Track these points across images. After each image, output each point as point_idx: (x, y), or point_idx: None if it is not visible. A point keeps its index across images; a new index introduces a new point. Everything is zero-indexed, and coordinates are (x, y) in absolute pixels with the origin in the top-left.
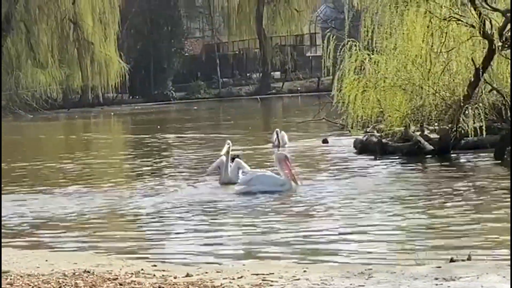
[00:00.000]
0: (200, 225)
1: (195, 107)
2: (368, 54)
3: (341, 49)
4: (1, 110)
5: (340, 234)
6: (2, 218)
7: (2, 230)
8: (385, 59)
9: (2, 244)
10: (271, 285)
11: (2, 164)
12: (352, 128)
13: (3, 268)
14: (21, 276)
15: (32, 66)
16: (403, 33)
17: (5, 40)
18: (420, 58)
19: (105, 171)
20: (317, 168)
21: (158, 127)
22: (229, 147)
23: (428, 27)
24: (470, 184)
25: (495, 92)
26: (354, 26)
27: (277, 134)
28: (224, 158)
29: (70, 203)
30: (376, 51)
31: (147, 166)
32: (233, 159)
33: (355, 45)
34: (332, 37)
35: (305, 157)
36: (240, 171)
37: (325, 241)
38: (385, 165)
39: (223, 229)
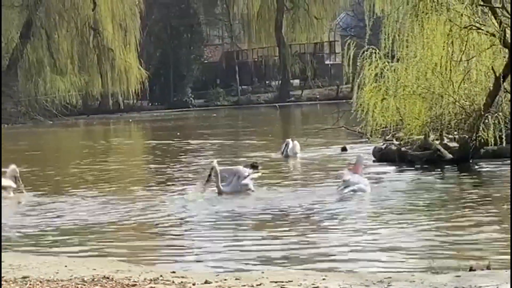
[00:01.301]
0: (219, 232)
1: (214, 114)
2: (388, 62)
3: (361, 56)
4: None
5: (358, 242)
6: (21, 224)
7: (21, 236)
8: (405, 67)
9: (22, 249)
10: None
11: (22, 169)
12: (371, 136)
13: (23, 274)
14: (40, 282)
15: (52, 73)
16: (423, 41)
17: (25, 47)
18: (440, 66)
19: (125, 178)
20: (335, 175)
21: (178, 133)
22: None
23: (448, 35)
24: (490, 193)
25: None
26: (374, 34)
27: (286, 144)
28: (237, 168)
29: (88, 209)
30: (396, 59)
31: (167, 173)
32: (252, 166)
33: (375, 53)
34: (352, 44)
35: (324, 165)
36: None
37: (343, 249)
38: (404, 173)
39: (242, 237)
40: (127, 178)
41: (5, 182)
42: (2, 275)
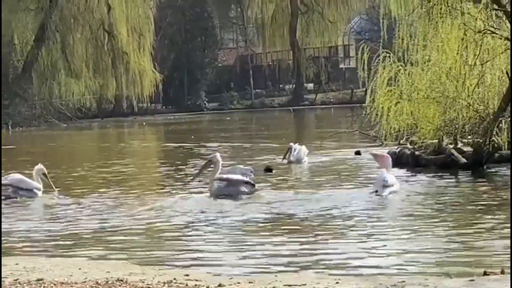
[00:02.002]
0: (233, 236)
1: (228, 118)
2: (402, 66)
3: (375, 60)
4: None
5: (371, 246)
6: (35, 226)
7: (35, 238)
8: (419, 71)
9: (36, 252)
10: None
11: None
12: (385, 140)
13: (37, 276)
14: (54, 284)
15: (66, 76)
16: (438, 45)
17: (40, 50)
18: (454, 70)
19: (139, 180)
20: (349, 179)
21: (192, 137)
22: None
23: (462, 39)
24: (503, 197)
25: None
26: (388, 37)
27: (289, 149)
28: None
29: (102, 211)
30: (410, 63)
31: (180, 175)
32: (266, 170)
33: (389, 57)
34: (366, 48)
35: (338, 168)
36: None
37: (356, 253)
38: (418, 177)
39: (255, 240)
40: (140, 180)
41: (31, 184)
42: (17, 277)
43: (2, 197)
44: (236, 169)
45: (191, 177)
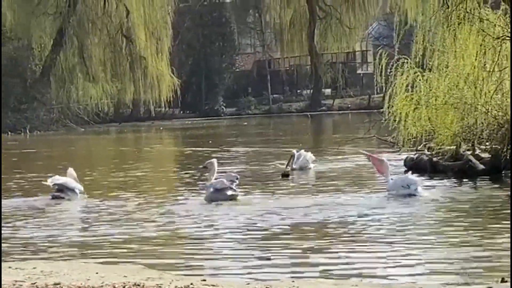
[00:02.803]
0: (250, 241)
1: (245, 123)
2: (420, 72)
3: (392, 66)
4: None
5: (388, 253)
6: (53, 232)
7: (53, 242)
8: (437, 77)
9: (53, 256)
10: None
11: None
12: (402, 145)
13: (54, 280)
14: None
15: (84, 80)
16: (456, 51)
17: (58, 54)
18: (473, 76)
19: (157, 184)
20: (366, 185)
21: (210, 141)
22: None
23: (481, 45)
24: None
25: None
26: (406, 43)
27: (292, 156)
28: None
29: (120, 215)
30: (428, 68)
31: (197, 180)
32: (283, 175)
33: (407, 63)
34: (384, 54)
35: (355, 174)
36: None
37: (373, 260)
38: (436, 184)
39: (273, 246)
40: (157, 185)
41: (77, 185)
42: (34, 281)
43: (52, 196)
44: (225, 175)
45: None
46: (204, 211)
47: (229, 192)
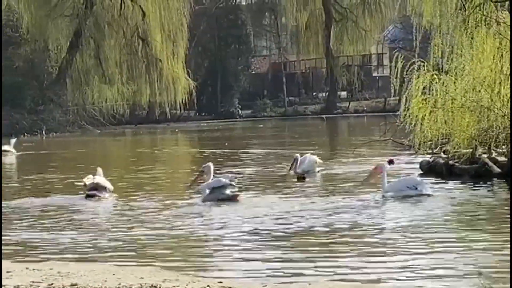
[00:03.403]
0: (266, 242)
1: (261, 125)
2: (437, 75)
3: (409, 69)
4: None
5: (405, 255)
6: (71, 233)
7: (70, 244)
8: (453, 80)
9: (70, 257)
10: None
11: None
12: (419, 148)
13: (71, 281)
14: None
15: (100, 82)
16: (473, 54)
17: (74, 56)
18: (489, 79)
19: (173, 187)
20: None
21: (226, 143)
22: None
23: (498, 48)
24: None
25: None
26: (423, 46)
27: (296, 161)
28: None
29: (136, 216)
30: (445, 71)
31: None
32: (299, 178)
33: (423, 65)
34: (400, 56)
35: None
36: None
37: (389, 263)
38: (452, 187)
39: (289, 247)
40: (175, 187)
41: (110, 185)
42: (51, 282)
43: (88, 194)
44: (222, 176)
45: (189, 185)
46: (220, 213)
47: (227, 191)
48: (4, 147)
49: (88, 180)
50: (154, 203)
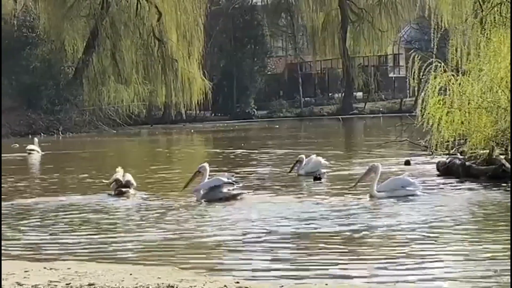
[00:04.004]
0: (282, 243)
1: (277, 126)
2: (453, 75)
3: (425, 69)
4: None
5: (421, 257)
6: (89, 233)
7: (87, 245)
8: (470, 80)
9: (88, 257)
10: None
11: (86, 177)
12: (435, 149)
13: (89, 281)
14: None
15: (116, 82)
16: (490, 55)
17: (90, 56)
18: (506, 80)
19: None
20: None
21: (243, 144)
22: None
23: None
24: None
25: None
26: (439, 47)
27: (299, 162)
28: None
29: (152, 216)
30: (462, 72)
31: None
32: (316, 178)
33: (440, 66)
34: (417, 57)
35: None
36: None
37: (404, 264)
38: (468, 188)
39: (306, 247)
40: (191, 187)
41: (133, 180)
42: (69, 282)
43: (117, 192)
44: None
45: (183, 186)
46: (234, 213)
47: (225, 189)
48: (31, 147)
49: (118, 176)
50: (171, 202)
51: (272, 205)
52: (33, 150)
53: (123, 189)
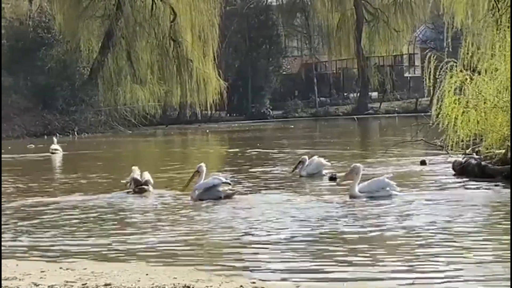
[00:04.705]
0: (299, 243)
1: (292, 126)
2: (469, 75)
3: (441, 69)
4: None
5: (440, 257)
6: (105, 233)
7: (104, 245)
8: (486, 80)
9: (104, 257)
10: None
11: (103, 176)
12: (451, 149)
13: (105, 281)
14: None
15: (131, 82)
16: (505, 54)
17: (106, 57)
18: None
19: None
20: (414, 189)
21: (259, 144)
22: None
23: None
24: None
25: None
26: (454, 46)
27: (301, 162)
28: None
29: (168, 216)
30: (477, 72)
31: (249, 182)
32: (331, 178)
33: (456, 66)
34: (433, 57)
35: (403, 178)
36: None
37: (423, 264)
38: (484, 188)
39: (323, 247)
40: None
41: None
42: (85, 282)
43: (138, 189)
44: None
45: (183, 186)
46: (252, 213)
47: (221, 188)
48: (54, 146)
49: (136, 176)
50: (186, 202)
51: (287, 206)
52: (56, 149)
53: (145, 187)
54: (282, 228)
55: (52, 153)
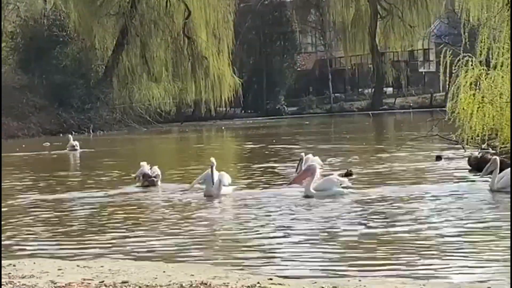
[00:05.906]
0: (317, 240)
1: (307, 122)
2: (484, 70)
3: (456, 64)
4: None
5: (458, 253)
6: (120, 230)
7: (120, 242)
8: (501, 75)
9: (121, 256)
10: None
11: (116, 173)
12: (467, 144)
13: (122, 278)
14: (139, 287)
15: (146, 80)
16: None
17: (120, 54)
18: None
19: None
20: (430, 185)
21: (274, 140)
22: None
23: None
24: None
25: None
26: (470, 41)
27: (301, 160)
28: (209, 171)
29: (183, 212)
30: (493, 66)
31: (263, 176)
32: (347, 174)
33: (471, 60)
34: (448, 52)
35: (419, 174)
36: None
37: (442, 260)
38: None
39: (340, 245)
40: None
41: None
42: (102, 279)
43: (148, 183)
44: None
45: (189, 186)
46: (268, 210)
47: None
48: (72, 143)
49: (146, 170)
50: (201, 198)
51: (303, 202)
52: (75, 146)
53: (154, 179)
54: (298, 225)
55: (71, 149)
